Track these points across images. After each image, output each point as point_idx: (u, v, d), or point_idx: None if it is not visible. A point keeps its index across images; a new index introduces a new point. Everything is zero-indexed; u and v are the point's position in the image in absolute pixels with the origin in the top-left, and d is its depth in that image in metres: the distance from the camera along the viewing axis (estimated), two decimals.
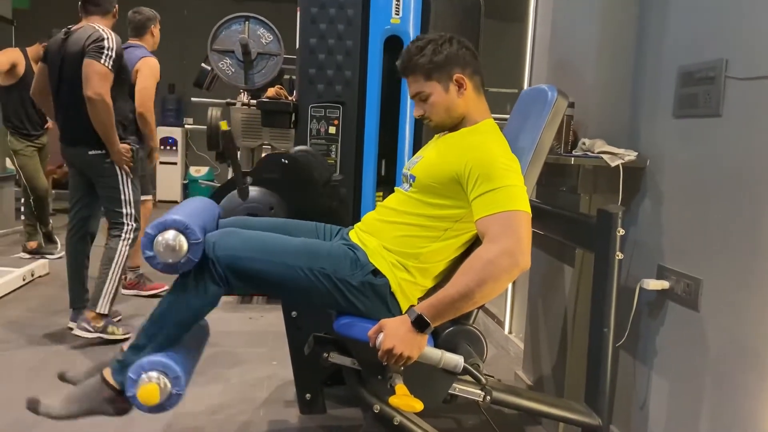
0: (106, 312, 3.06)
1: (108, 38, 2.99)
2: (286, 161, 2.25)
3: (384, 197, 2.48)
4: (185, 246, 1.56)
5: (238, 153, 3.52)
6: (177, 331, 1.68)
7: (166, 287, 3.56)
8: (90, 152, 3.06)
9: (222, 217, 1.94)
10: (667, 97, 1.93)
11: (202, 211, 1.76)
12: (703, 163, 1.78)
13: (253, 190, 2.21)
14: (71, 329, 3.14)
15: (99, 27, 3.05)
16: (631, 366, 2.08)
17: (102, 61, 2.93)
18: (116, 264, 3.08)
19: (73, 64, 2.99)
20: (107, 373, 1.67)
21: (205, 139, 4.68)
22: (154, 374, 1.60)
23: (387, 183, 2.49)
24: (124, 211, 3.13)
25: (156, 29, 3.83)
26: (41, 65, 3.24)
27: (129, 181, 3.14)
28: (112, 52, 2.97)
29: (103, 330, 3.07)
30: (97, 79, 2.91)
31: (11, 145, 4.61)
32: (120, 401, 1.67)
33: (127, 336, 3.18)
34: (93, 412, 1.67)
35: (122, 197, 3.12)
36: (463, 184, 1.63)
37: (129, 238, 3.13)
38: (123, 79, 3.15)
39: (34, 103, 4.64)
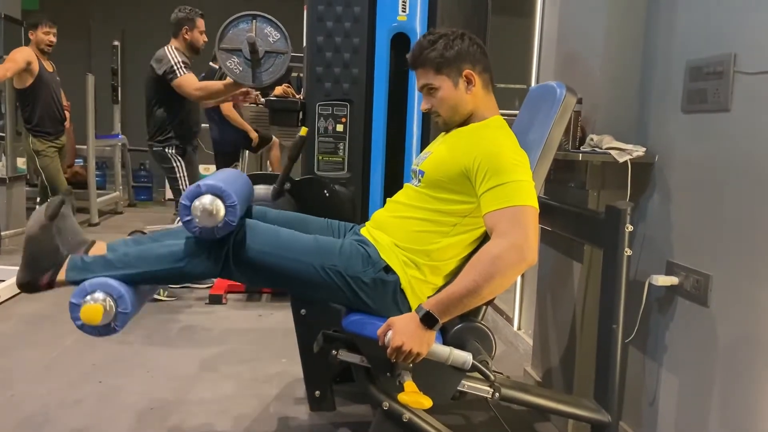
0: None
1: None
2: (328, 193, 2.34)
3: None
4: (222, 210, 1.58)
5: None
6: (152, 280, 1.69)
7: None
8: (154, 148, 3.80)
9: None
10: (676, 92, 1.92)
11: (237, 181, 1.77)
12: (712, 159, 1.77)
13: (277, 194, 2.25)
14: None
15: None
16: (641, 362, 2.07)
17: None
18: None
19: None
20: (63, 267, 1.65)
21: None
22: (99, 295, 1.59)
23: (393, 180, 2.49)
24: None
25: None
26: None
27: (184, 171, 3.77)
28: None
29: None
30: None
31: (33, 146, 4.65)
32: (45, 287, 1.66)
33: (170, 299, 3.77)
34: (31, 258, 1.64)
35: (179, 186, 3.75)
36: (472, 178, 1.63)
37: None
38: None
39: (55, 101, 4.71)
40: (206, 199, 1.58)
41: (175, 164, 3.77)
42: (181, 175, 3.77)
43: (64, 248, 1.68)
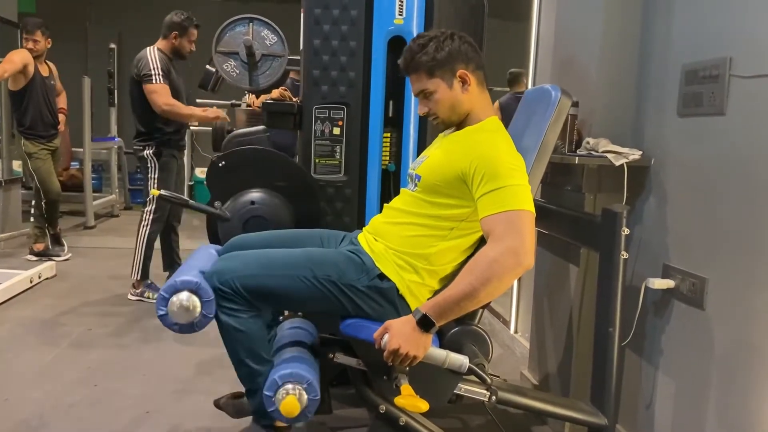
0: (137, 278, 3.79)
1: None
2: (222, 163, 2.28)
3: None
4: (199, 306, 1.62)
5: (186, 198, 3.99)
6: (260, 356, 1.73)
7: None
8: (134, 147, 3.81)
9: (223, 242, 1.99)
10: (672, 96, 1.93)
11: (206, 263, 1.80)
12: (707, 162, 1.78)
13: (227, 205, 2.25)
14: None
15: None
16: (637, 365, 2.07)
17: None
18: (138, 243, 3.75)
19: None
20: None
21: (211, 140, 4.73)
22: (289, 386, 1.66)
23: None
24: (148, 198, 3.75)
25: None
26: None
27: (156, 174, 3.72)
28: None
29: (141, 294, 3.81)
30: None
31: (25, 149, 4.64)
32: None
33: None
34: None
35: (148, 185, 3.76)
36: (468, 182, 1.63)
37: (147, 223, 3.73)
38: None
39: (48, 104, 4.71)
40: (183, 296, 1.62)
41: (150, 165, 3.73)
42: (153, 176, 3.73)
43: None
